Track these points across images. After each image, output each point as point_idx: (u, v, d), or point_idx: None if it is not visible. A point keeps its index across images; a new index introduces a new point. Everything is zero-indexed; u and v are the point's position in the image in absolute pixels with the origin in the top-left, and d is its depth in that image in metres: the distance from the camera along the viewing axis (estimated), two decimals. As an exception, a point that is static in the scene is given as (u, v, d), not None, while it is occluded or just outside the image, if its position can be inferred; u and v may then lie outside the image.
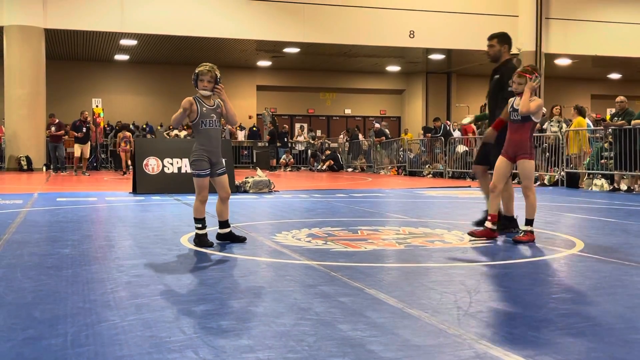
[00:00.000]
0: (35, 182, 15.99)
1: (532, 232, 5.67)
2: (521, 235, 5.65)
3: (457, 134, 21.11)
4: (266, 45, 24.86)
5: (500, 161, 5.81)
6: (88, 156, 20.36)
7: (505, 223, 6.28)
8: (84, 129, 19.71)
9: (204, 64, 5.67)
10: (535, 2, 24.32)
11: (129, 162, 19.81)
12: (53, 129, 20.31)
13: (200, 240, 5.44)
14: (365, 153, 25.44)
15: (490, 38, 6.62)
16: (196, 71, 5.65)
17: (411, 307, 3.35)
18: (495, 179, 5.80)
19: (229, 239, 5.62)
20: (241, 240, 5.65)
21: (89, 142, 20.36)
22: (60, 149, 20.69)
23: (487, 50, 6.61)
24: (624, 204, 10.29)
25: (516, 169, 5.87)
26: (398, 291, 3.80)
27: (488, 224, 5.79)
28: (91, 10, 21.38)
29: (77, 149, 20.00)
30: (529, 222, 5.68)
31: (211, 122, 5.59)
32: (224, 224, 5.65)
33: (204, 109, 5.59)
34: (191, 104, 5.56)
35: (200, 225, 5.50)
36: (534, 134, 14.66)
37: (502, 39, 6.58)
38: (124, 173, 19.78)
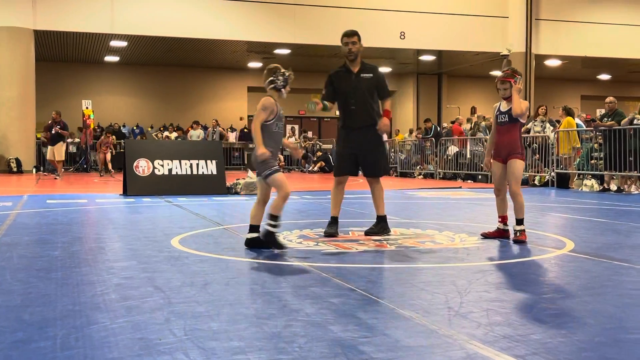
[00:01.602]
0: (25, 184, 15.92)
1: (524, 230, 5.77)
2: (519, 235, 5.71)
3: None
4: (257, 46, 24.84)
5: (496, 167, 5.92)
6: (62, 158, 19.11)
7: (378, 222, 6.28)
8: (53, 131, 18.73)
9: (282, 67, 5.50)
10: (525, 3, 24.41)
11: (109, 166, 19.75)
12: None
13: (272, 239, 5.18)
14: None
15: None
16: (286, 74, 5.47)
17: (402, 308, 3.35)
18: (496, 184, 5.98)
19: (258, 244, 5.28)
20: (271, 246, 5.24)
21: (63, 143, 19.29)
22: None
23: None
24: (614, 204, 10.34)
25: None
26: (389, 292, 3.80)
27: (500, 225, 5.96)
28: (81, 11, 21.30)
29: (48, 151, 19.12)
30: (521, 221, 5.75)
31: (281, 126, 5.40)
32: (255, 228, 5.35)
33: (281, 112, 5.42)
34: (272, 104, 5.36)
35: (276, 223, 5.22)
36: (524, 135, 14.47)
37: None
38: (101, 175, 19.72)
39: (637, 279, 4.14)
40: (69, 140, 22.62)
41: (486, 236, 5.96)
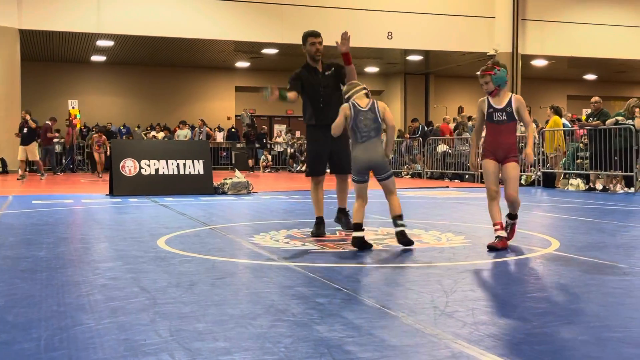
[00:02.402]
0: (10, 184, 15.81)
1: (514, 225, 5.64)
2: (497, 241, 5.23)
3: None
4: (244, 46, 24.79)
5: (491, 165, 5.42)
6: (35, 158, 18.73)
7: (339, 215, 6.47)
8: (25, 130, 18.35)
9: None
10: (511, 3, 24.50)
11: (101, 167, 19.58)
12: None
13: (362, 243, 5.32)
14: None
15: None
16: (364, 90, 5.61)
17: (388, 308, 3.35)
18: (493, 184, 5.41)
19: (364, 244, 5.34)
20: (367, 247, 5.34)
21: (35, 144, 18.99)
22: (50, 150, 21.43)
23: None
24: (600, 203, 10.41)
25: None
26: (375, 291, 3.81)
27: (500, 233, 5.35)
28: (67, 10, 21.17)
29: (20, 151, 18.48)
30: (514, 216, 5.62)
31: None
32: (360, 226, 5.38)
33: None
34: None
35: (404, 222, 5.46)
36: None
37: None
38: (99, 175, 19.51)
39: (621, 278, 4.17)
40: (55, 140, 22.57)
41: (494, 249, 5.23)
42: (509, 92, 5.47)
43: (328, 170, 6.53)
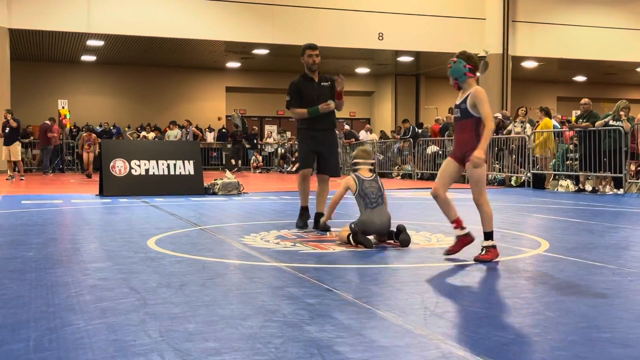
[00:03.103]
0: (-1, 184, 15.72)
1: (494, 247, 4.82)
2: (483, 253, 4.80)
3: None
4: (235, 46, 24.77)
5: (446, 163, 5.02)
6: (18, 158, 18.38)
7: (317, 219, 6.69)
8: (7, 130, 18.10)
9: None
10: (502, 5, 24.60)
11: (90, 167, 19.35)
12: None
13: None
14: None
15: None
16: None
17: (378, 308, 3.36)
18: (437, 183, 4.99)
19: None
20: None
21: (19, 143, 18.61)
22: (48, 150, 21.86)
23: None
24: (589, 204, 10.46)
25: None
26: (366, 292, 3.81)
27: (457, 232, 4.98)
28: (57, 10, 21.08)
29: (3, 151, 18.31)
30: (489, 235, 4.81)
31: None
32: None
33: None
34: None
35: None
36: (500, 136, 14.57)
37: None
38: (88, 176, 19.13)
39: (610, 279, 4.20)
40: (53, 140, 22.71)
41: (450, 253, 4.95)
42: (474, 86, 4.86)
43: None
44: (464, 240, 4.94)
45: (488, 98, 4.88)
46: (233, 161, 25.44)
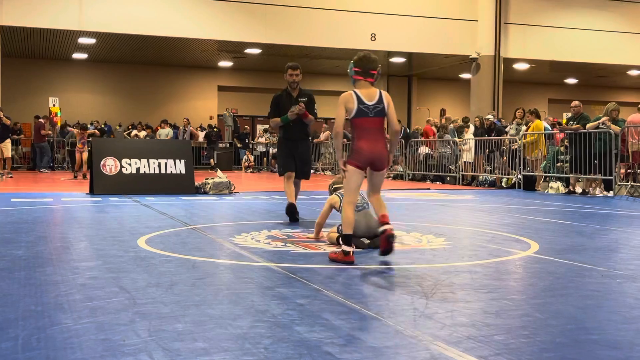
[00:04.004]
0: (-11, 182, 15.63)
1: (346, 253, 4.69)
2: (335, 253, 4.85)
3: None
4: (227, 45, 24.72)
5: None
6: (8, 155, 18.37)
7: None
8: None
9: None
10: (494, 7, 24.65)
11: (85, 167, 19.05)
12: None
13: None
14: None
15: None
16: None
17: (368, 309, 3.36)
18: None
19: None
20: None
21: (9, 141, 18.59)
22: (43, 148, 22.13)
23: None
24: (579, 206, 10.50)
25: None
26: (355, 293, 3.82)
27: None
28: (49, 7, 20.97)
29: None
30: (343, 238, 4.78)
31: None
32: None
33: None
34: None
35: None
36: (492, 137, 14.52)
37: None
38: (84, 176, 18.77)
39: (599, 281, 4.22)
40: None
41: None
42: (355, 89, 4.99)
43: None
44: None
45: (479, 99, 4.92)
46: (212, 162, 25.53)
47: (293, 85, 7.83)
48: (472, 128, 18.51)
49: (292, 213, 7.57)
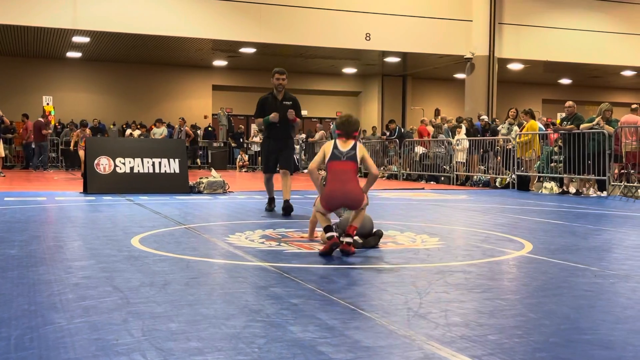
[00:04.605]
0: (-18, 181, 15.57)
1: (330, 237, 5.13)
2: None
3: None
4: (222, 44, 24.70)
5: None
6: (1, 154, 18.51)
7: (283, 206, 8.33)
8: None
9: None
10: (489, 7, 24.69)
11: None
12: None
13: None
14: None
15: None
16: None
17: (362, 309, 3.36)
18: None
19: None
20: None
21: (1, 140, 18.67)
22: (43, 147, 22.34)
23: None
24: (573, 206, 10.53)
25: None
26: (349, 292, 3.82)
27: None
28: (42, 6, 20.90)
29: None
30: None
31: None
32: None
33: None
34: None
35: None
36: (485, 137, 14.71)
37: None
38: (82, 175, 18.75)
39: (592, 281, 4.23)
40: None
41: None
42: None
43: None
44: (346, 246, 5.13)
45: (474, 99, 5.13)
46: (199, 161, 25.53)
47: (279, 88, 8.51)
48: (464, 129, 18.56)
49: (269, 204, 8.68)
